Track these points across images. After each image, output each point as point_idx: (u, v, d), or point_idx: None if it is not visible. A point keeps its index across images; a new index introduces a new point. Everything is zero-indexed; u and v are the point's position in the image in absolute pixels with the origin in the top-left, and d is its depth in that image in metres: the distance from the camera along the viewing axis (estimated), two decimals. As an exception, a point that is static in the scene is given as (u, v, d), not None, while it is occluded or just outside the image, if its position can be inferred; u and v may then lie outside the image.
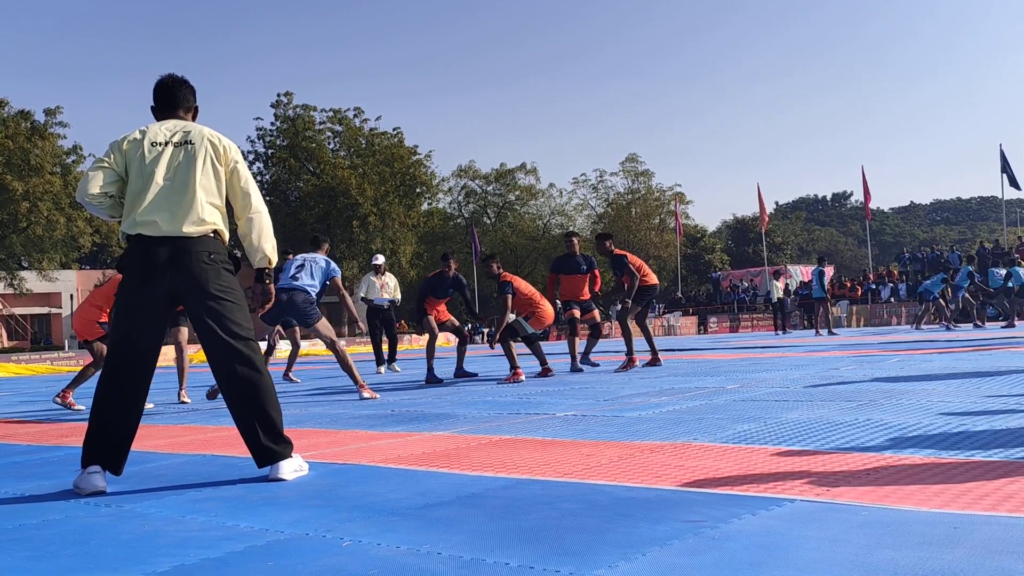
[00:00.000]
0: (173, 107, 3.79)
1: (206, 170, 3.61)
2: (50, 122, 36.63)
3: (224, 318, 3.52)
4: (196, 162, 3.59)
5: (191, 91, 3.86)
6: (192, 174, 3.58)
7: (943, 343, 12.84)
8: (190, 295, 3.52)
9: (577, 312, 10.05)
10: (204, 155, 3.62)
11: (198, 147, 3.62)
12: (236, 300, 3.60)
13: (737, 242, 74.60)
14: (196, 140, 3.63)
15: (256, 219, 3.70)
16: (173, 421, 6.53)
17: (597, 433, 4.43)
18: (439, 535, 2.41)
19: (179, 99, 3.81)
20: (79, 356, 28.25)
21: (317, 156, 44.79)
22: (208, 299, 3.52)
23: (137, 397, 3.51)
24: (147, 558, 2.34)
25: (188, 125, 3.71)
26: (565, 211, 58.21)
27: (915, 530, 2.19)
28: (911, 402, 5.03)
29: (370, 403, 7.13)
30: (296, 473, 3.56)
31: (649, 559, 2.06)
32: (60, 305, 49.12)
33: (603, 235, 10.46)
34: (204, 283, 3.51)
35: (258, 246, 3.69)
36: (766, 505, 2.56)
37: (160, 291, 3.51)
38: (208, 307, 3.52)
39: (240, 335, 3.54)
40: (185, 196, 3.55)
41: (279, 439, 3.55)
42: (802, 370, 8.35)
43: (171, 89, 3.81)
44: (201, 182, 3.59)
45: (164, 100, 3.80)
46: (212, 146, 3.65)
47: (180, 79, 3.85)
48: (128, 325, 3.52)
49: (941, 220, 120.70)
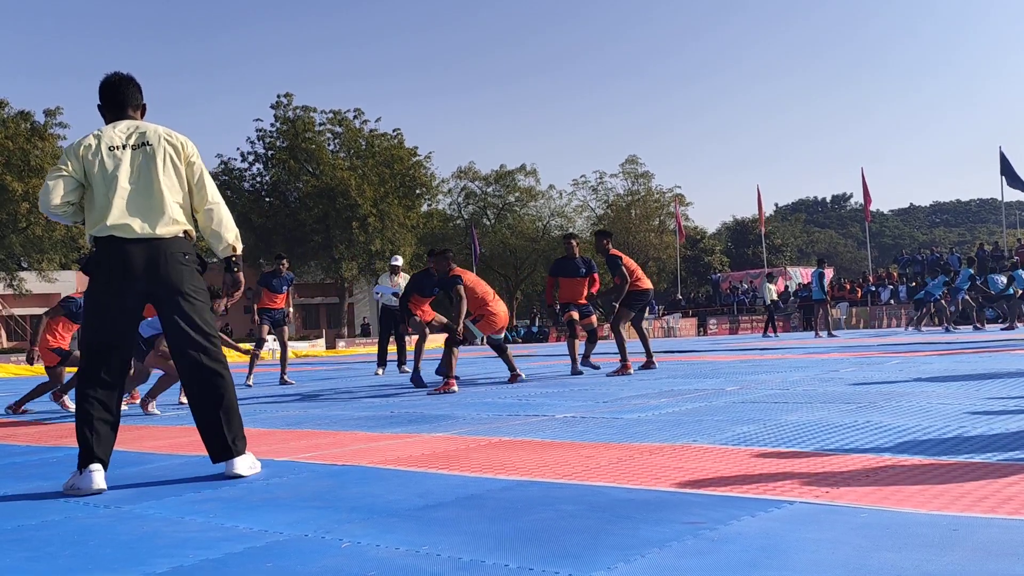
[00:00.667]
0: (122, 106, 3.80)
1: (167, 170, 3.66)
2: (50, 123, 36.61)
3: (194, 317, 3.62)
4: (156, 163, 3.63)
5: (138, 89, 3.86)
6: (155, 176, 3.62)
7: (943, 345, 12.84)
8: (165, 294, 3.60)
9: (576, 315, 10.01)
10: (163, 155, 3.66)
11: (156, 147, 3.65)
12: (204, 300, 3.70)
13: (737, 244, 74.60)
14: (153, 140, 3.66)
15: (215, 210, 3.74)
16: (172, 423, 6.53)
17: (596, 435, 4.43)
18: (438, 536, 2.41)
19: (127, 97, 3.81)
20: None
21: (317, 157, 44.77)
22: (181, 298, 3.60)
23: (116, 393, 3.57)
24: (146, 559, 2.34)
25: (142, 125, 3.73)
26: (565, 212, 58.19)
27: (914, 532, 2.18)
28: (911, 404, 5.03)
29: (370, 404, 7.13)
30: (251, 470, 3.66)
31: (648, 561, 2.06)
32: (59, 306, 49.18)
33: (602, 232, 10.35)
34: (179, 283, 3.60)
35: (221, 235, 3.74)
36: (765, 507, 2.56)
37: (136, 291, 3.57)
38: (180, 306, 3.60)
39: (208, 333, 3.65)
40: (152, 198, 3.60)
41: (238, 436, 3.66)
42: (802, 372, 8.35)
43: (118, 88, 3.80)
44: (165, 182, 3.63)
45: (112, 99, 3.80)
46: (170, 145, 3.68)
47: (127, 77, 3.84)
48: (103, 324, 3.57)
49: (940, 222, 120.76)
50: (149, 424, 6.41)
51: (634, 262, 10.10)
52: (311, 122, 45.33)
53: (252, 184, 46.16)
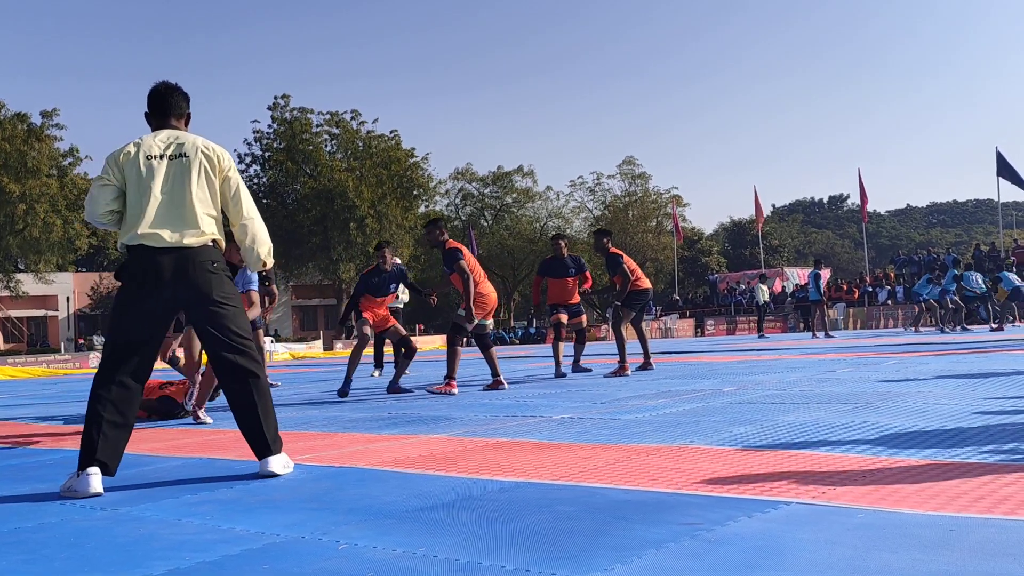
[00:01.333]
0: (166, 115, 3.87)
1: (201, 182, 3.73)
2: (47, 124, 36.58)
3: (225, 323, 3.69)
4: (191, 174, 3.70)
5: (184, 98, 3.94)
6: (188, 187, 3.69)
7: (939, 346, 12.86)
8: (194, 302, 3.67)
9: (564, 317, 9.96)
10: (199, 167, 3.73)
11: (192, 159, 3.72)
12: (236, 305, 3.77)
13: (734, 244, 74.68)
14: (190, 152, 3.73)
15: (249, 225, 3.83)
16: (169, 424, 6.52)
17: (594, 436, 4.43)
18: (436, 538, 2.41)
19: (171, 106, 3.88)
20: (75, 359, 28.22)
21: (314, 158, 44.77)
22: (211, 305, 3.67)
23: (133, 398, 3.60)
24: (143, 561, 2.34)
25: (182, 136, 3.79)
26: (562, 213, 58.24)
27: (911, 532, 2.19)
28: (907, 404, 5.04)
29: (367, 406, 7.12)
30: (285, 469, 3.73)
31: (645, 562, 2.06)
32: (56, 308, 49.08)
33: (602, 231, 10.35)
34: (208, 291, 3.66)
35: (254, 250, 3.83)
36: (762, 507, 2.56)
37: (164, 298, 3.64)
38: (211, 313, 3.68)
39: (242, 336, 3.72)
40: (183, 209, 3.67)
41: (275, 436, 3.74)
42: (799, 372, 8.36)
43: (164, 97, 3.88)
44: (197, 194, 3.70)
45: (158, 107, 3.88)
46: (206, 157, 3.75)
47: (173, 86, 3.92)
48: (130, 329, 3.63)
49: (937, 223, 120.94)
50: (145, 427, 6.41)
51: (634, 261, 10.09)
52: (308, 123, 45.33)
53: (249, 186, 46.09)
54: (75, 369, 25.83)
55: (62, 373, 24.06)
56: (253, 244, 3.82)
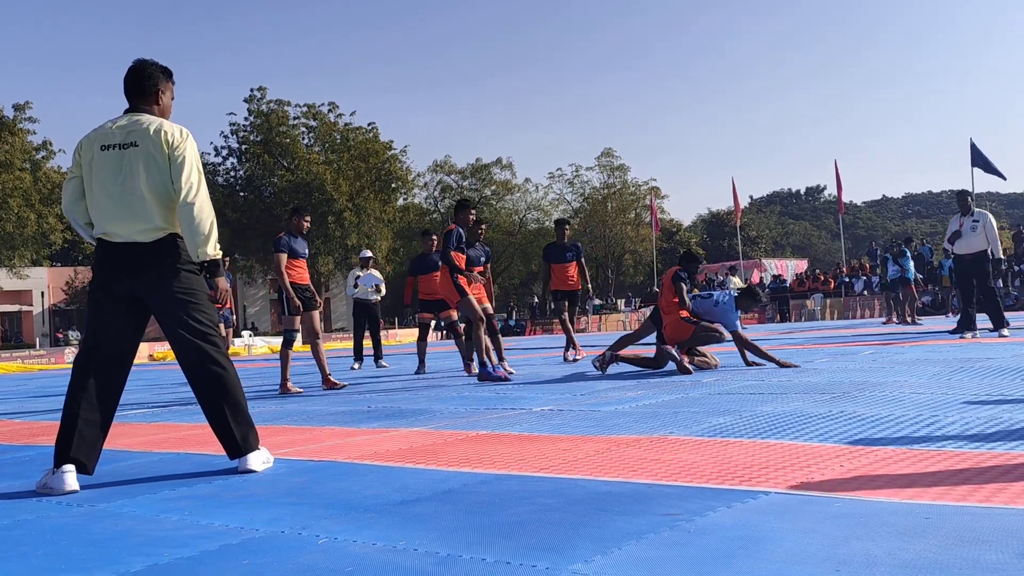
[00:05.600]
0: (132, 96, 3.71)
1: (151, 171, 3.52)
2: (19, 117, 36.11)
3: (186, 318, 3.56)
4: (141, 165, 3.52)
5: (151, 75, 3.72)
6: (138, 179, 3.52)
7: (915, 336, 12.98)
8: (151, 299, 3.56)
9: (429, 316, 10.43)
10: (148, 156, 3.52)
11: (143, 147, 3.53)
12: (197, 299, 3.60)
13: (712, 236, 74.97)
14: (141, 140, 3.54)
15: (184, 211, 3.51)
16: (146, 419, 6.48)
17: (573, 427, 4.44)
18: (415, 531, 2.41)
19: (137, 87, 3.70)
20: (50, 354, 27.94)
21: (291, 151, 44.45)
22: (168, 302, 3.55)
23: (109, 396, 3.52)
24: (120, 558, 2.32)
25: (139, 121, 3.59)
26: (541, 206, 58.25)
27: (887, 521, 2.21)
28: (884, 395, 5.08)
29: (346, 399, 7.10)
30: (264, 465, 3.66)
31: (625, 552, 2.07)
32: (31, 303, 48.54)
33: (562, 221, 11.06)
34: (162, 287, 3.54)
35: (192, 239, 3.53)
36: (741, 498, 2.58)
37: (120, 294, 3.55)
38: (169, 309, 3.56)
39: (203, 332, 3.58)
40: (134, 203, 3.52)
41: (248, 432, 3.64)
42: (777, 363, 8.39)
43: (130, 77, 3.71)
44: (148, 186, 3.52)
45: (126, 90, 3.73)
46: (155, 142, 3.53)
47: (140, 65, 3.73)
48: (94, 325, 3.57)
49: (912, 213, 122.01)
50: (122, 422, 6.36)
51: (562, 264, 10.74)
52: (285, 116, 45.00)
53: (226, 179, 45.74)
54: (50, 364, 25.59)
55: (37, 369, 23.82)
56: (190, 232, 3.50)
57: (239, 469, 3.60)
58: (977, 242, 11.32)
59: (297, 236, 8.59)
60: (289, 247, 8.39)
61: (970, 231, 11.32)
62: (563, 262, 10.43)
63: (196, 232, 3.51)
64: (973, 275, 11.39)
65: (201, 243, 3.53)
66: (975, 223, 11.34)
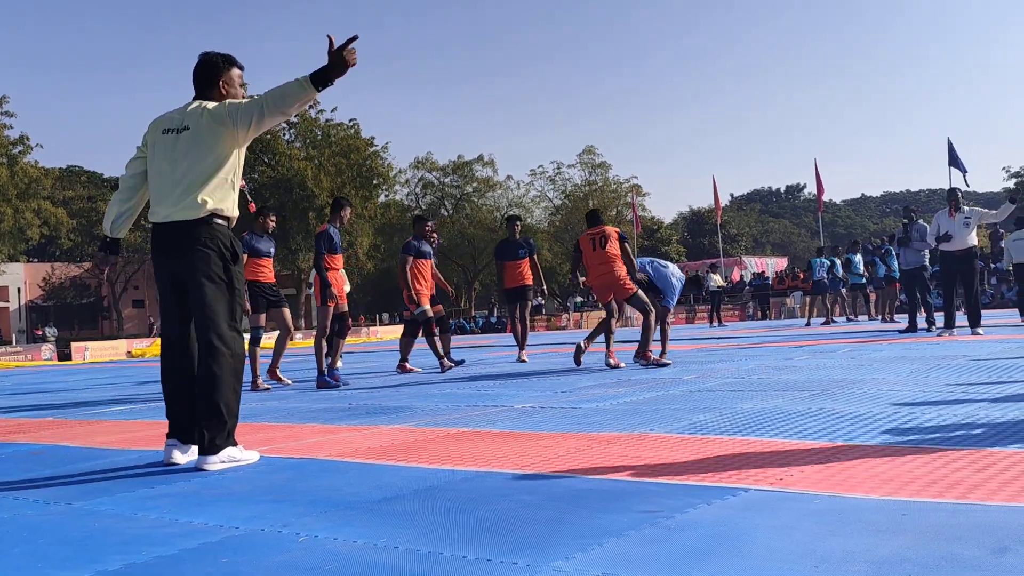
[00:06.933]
0: (197, 88, 3.87)
1: (197, 153, 3.67)
2: (-4, 112, 35.78)
3: (202, 304, 3.65)
4: (189, 147, 3.68)
5: (211, 66, 3.86)
6: (188, 160, 3.67)
7: (892, 333, 13.08)
8: (185, 278, 3.69)
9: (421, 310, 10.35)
10: (197, 138, 3.68)
11: (193, 130, 3.69)
12: (216, 287, 3.67)
13: (693, 233, 75.31)
14: (193, 122, 3.70)
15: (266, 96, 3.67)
16: (125, 417, 6.43)
17: (554, 425, 4.44)
18: (396, 529, 2.40)
19: (200, 80, 3.86)
20: (27, 351, 27.67)
21: (272, 147, 44.25)
22: (195, 285, 3.65)
23: (185, 372, 3.71)
24: (98, 556, 2.30)
25: (196, 108, 3.74)
26: (523, 203, 58.26)
27: (865, 517, 2.23)
28: (862, 391, 5.12)
29: (327, 396, 7.08)
30: (223, 464, 3.63)
31: (606, 550, 2.08)
32: (7, 299, 48.03)
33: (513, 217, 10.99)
34: (194, 268, 3.64)
35: (282, 87, 3.67)
36: (721, 495, 2.59)
37: (166, 274, 3.73)
38: (194, 291, 3.66)
39: (213, 321, 3.64)
40: (181, 184, 3.66)
41: (218, 434, 3.61)
42: (757, 360, 8.46)
43: (194, 70, 3.89)
44: (196, 166, 3.67)
45: (193, 83, 3.89)
46: (202, 123, 3.68)
47: (201, 58, 3.89)
48: (165, 308, 3.80)
49: (891, 212, 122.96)
50: (102, 419, 6.31)
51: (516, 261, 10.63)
52: (266, 111, 44.77)
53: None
54: (27, 361, 25.33)
55: (14, 365, 23.57)
56: (281, 89, 3.61)
57: (196, 464, 3.63)
58: (969, 238, 11.47)
59: (261, 235, 8.67)
60: (251, 246, 8.49)
61: (963, 227, 11.44)
62: (515, 259, 10.28)
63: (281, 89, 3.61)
64: (961, 272, 11.49)
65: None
66: (967, 220, 11.46)
